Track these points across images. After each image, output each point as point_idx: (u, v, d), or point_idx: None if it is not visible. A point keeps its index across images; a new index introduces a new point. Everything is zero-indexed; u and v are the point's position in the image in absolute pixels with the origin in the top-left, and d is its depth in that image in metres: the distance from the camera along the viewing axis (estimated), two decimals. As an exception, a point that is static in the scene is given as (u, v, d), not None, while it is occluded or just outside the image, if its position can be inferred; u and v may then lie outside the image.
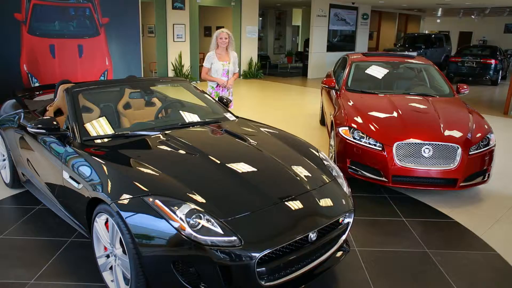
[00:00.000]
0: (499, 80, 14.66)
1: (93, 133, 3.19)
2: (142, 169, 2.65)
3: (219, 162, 2.82)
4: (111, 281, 2.65)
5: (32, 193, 3.92)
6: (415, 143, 4.24)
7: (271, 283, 2.33)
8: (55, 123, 3.09)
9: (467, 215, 4.09)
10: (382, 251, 3.37)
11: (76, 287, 2.78)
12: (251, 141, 3.23)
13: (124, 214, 2.34)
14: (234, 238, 2.23)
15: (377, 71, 5.98)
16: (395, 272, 3.08)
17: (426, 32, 26.03)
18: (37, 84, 5.98)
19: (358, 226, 3.78)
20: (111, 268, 2.66)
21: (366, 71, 6.04)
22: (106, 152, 2.96)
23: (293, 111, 9.17)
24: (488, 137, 4.45)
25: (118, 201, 2.39)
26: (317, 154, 3.26)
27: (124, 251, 2.42)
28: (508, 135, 7.49)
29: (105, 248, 2.68)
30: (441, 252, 3.39)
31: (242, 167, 2.81)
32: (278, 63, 18.30)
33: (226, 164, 2.80)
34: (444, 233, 3.74)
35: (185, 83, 4.25)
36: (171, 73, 12.60)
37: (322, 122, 7.45)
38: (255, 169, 2.83)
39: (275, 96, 11.51)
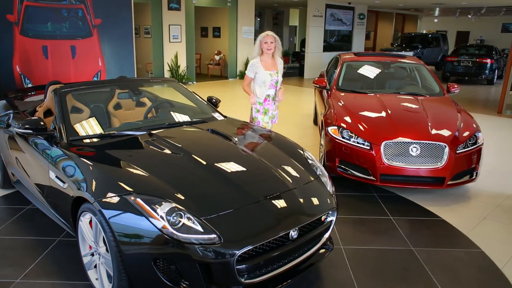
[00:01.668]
0: (495, 80, 14.71)
1: (79, 133, 3.22)
2: (125, 168, 2.68)
3: (202, 161, 2.84)
4: (96, 279, 2.68)
5: (22, 193, 3.95)
6: (403, 142, 4.27)
7: (252, 281, 2.35)
8: (42, 123, 3.12)
9: (455, 214, 4.11)
10: (367, 249, 3.39)
11: (62, 286, 2.81)
12: (236, 140, 3.25)
13: (106, 213, 2.37)
14: (213, 236, 2.26)
15: (368, 71, 6.01)
16: (379, 270, 3.11)
17: (424, 31, 26.06)
18: (30, 85, 6.01)
19: (345, 224, 3.81)
20: (95, 266, 2.69)
21: (357, 71, 6.07)
22: (91, 151, 2.99)
23: (288, 111, 9.18)
24: (475, 136, 4.48)
25: (101, 200, 2.42)
26: (302, 153, 3.29)
27: (107, 249, 2.44)
28: (500, 134, 7.53)
29: (90, 247, 2.70)
30: (426, 250, 3.41)
31: (225, 166, 2.84)
32: (275, 63, 18.30)
33: (210, 163, 2.83)
34: (430, 232, 3.77)
35: (174, 83, 4.27)
36: (167, 74, 12.62)
37: (316, 121, 7.48)
38: (238, 168, 2.86)
39: (270, 96, 11.52)
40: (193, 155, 2.90)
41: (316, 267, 3.05)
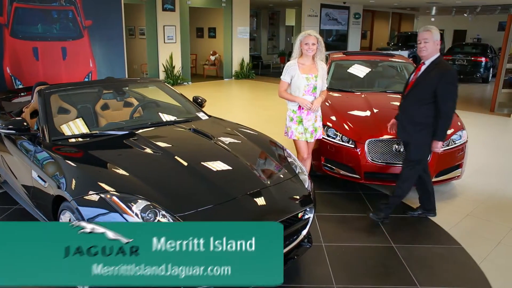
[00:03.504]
0: (490, 78, 14.74)
1: (62, 133, 3.26)
2: (104, 167, 2.73)
3: (182, 159, 2.89)
4: (76, 277, 2.72)
5: (9, 193, 3.99)
6: (386, 140, 4.30)
7: (226, 277, 2.39)
8: (25, 123, 3.17)
9: (438, 210, 4.12)
10: (348, 246, 3.43)
11: (43, 284, 2.85)
12: (217, 139, 3.29)
13: (83, 210, 2.41)
14: (187, 232, 2.30)
15: (356, 70, 6.04)
16: (357, 266, 3.15)
17: (421, 31, 26.03)
18: (20, 87, 6.05)
19: (328, 222, 3.85)
20: (75, 264, 2.73)
21: (345, 70, 6.11)
22: (72, 151, 3.03)
23: (281, 110, 9.20)
24: (460, 134, 4.51)
25: (78, 198, 2.47)
26: (282, 151, 3.33)
27: (85, 247, 2.49)
28: (490, 132, 7.57)
29: (70, 245, 2.75)
30: (407, 246, 3.45)
31: (204, 164, 2.88)
32: (271, 63, 18.38)
33: (189, 162, 2.87)
34: (412, 229, 3.80)
35: (159, 84, 4.32)
36: (162, 75, 12.67)
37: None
38: (216, 166, 2.90)
39: (265, 96, 11.58)
40: (172, 154, 2.94)
41: (295, 264, 3.09)
